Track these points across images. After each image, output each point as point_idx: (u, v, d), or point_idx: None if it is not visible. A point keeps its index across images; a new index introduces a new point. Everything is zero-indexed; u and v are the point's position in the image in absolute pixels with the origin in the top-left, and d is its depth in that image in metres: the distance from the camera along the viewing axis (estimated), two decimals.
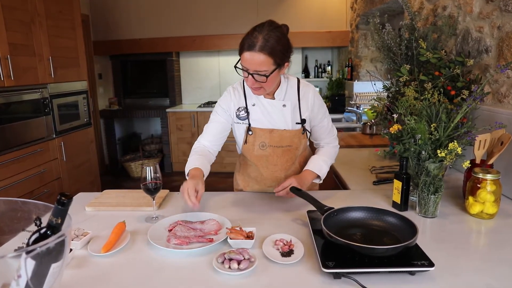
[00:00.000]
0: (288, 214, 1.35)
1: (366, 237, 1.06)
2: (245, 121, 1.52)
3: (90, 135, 3.85)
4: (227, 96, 1.55)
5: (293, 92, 1.52)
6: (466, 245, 1.12)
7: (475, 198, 1.27)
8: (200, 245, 1.11)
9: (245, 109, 1.51)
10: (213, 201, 1.53)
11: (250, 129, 1.51)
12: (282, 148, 1.53)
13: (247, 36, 1.31)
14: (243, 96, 1.52)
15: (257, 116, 1.51)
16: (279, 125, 1.51)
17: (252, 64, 1.30)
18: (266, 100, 1.50)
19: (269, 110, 1.50)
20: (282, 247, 1.06)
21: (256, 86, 1.36)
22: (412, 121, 1.34)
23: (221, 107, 1.55)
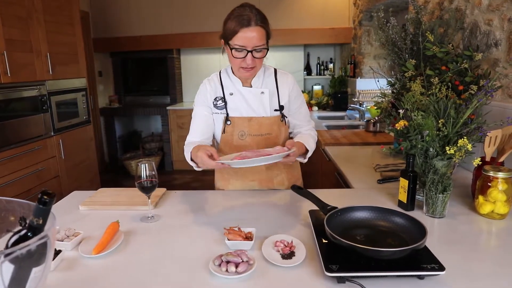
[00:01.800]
0: (289, 213, 1.29)
1: (372, 238, 1.00)
2: (223, 111, 1.51)
3: (90, 133, 3.80)
4: (202, 88, 1.54)
5: (271, 80, 1.54)
6: (477, 247, 1.06)
7: (486, 197, 1.21)
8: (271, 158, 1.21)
9: (222, 98, 1.51)
10: (208, 200, 1.47)
11: (228, 118, 1.49)
12: (262, 137, 1.51)
13: (235, 17, 1.32)
14: (220, 86, 1.52)
15: (235, 105, 1.50)
16: (257, 113, 1.50)
17: (252, 40, 1.31)
18: (244, 88, 1.50)
19: (247, 98, 1.50)
20: (282, 249, 1.00)
21: (252, 65, 1.37)
22: (419, 116, 1.28)
23: (199, 100, 1.55)
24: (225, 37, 1.37)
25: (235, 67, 1.42)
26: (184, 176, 4.84)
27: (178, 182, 4.64)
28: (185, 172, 4.98)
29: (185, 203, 1.43)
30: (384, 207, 1.10)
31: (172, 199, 1.48)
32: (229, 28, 1.33)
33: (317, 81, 5.24)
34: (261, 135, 1.51)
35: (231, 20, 1.33)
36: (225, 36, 1.37)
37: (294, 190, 1.26)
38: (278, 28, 4.74)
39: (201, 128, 1.54)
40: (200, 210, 1.35)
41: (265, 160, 1.23)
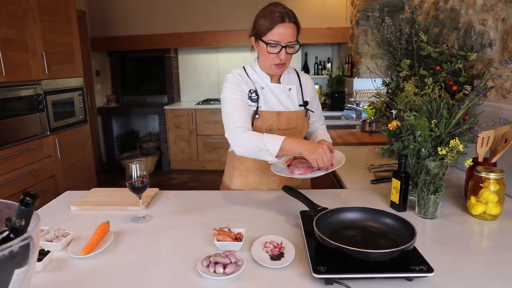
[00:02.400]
0: (281, 214, 1.29)
1: (362, 239, 1.00)
2: (255, 104, 1.50)
3: (86, 132, 3.80)
4: (235, 79, 1.48)
5: (295, 78, 1.61)
6: (468, 248, 1.05)
7: (478, 198, 1.21)
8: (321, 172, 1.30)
9: (255, 92, 1.50)
10: (201, 200, 1.46)
11: (258, 112, 1.49)
12: (289, 131, 1.53)
13: (269, 13, 1.37)
14: (250, 80, 1.52)
15: (266, 100, 1.51)
16: (286, 107, 1.53)
17: (287, 35, 1.37)
18: (273, 84, 1.53)
19: (277, 94, 1.53)
20: (272, 250, 1.00)
21: (285, 60, 1.41)
22: (412, 117, 1.28)
23: (235, 89, 1.46)
24: (258, 33, 1.40)
25: (267, 63, 1.44)
26: (181, 176, 4.84)
27: (176, 182, 4.63)
28: (182, 172, 4.97)
29: (177, 203, 1.42)
30: (375, 208, 1.09)
31: (165, 199, 1.47)
32: (264, 24, 1.37)
33: (315, 81, 5.23)
34: (288, 129, 1.52)
35: (265, 17, 1.38)
36: (259, 33, 1.40)
37: (285, 191, 1.25)
38: None
39: (246, 114, 1.45)
40: (192, 211, 1.35)
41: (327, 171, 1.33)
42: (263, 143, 1.31)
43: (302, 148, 1.29)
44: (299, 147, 1.30)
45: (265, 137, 1.33)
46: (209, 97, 5.33)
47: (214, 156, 4.95)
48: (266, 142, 1.31)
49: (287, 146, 1.30)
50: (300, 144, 1.31)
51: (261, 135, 1.34)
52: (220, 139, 4.87)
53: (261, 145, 1.31)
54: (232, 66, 5.24)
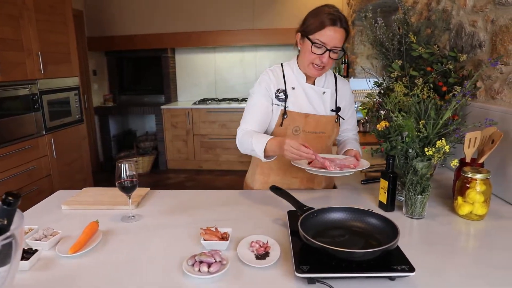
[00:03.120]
0: (269, 214, 1.30)
1: (346, 239, 1.00)
2: (283, 104, 1.49)
3: (82, 132, 3.80)
4: (265, 78, 1.51)
5: (332, 82, 1.58)
6: (453, 248, 1.06)
7: (464, 199, 1.22)
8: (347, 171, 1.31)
9: (284, 91, 1.49)
10: (191, 200, 1.47)
11: (286, 112, 1.48)
12: (315, 134, 1.52)
13: (322, 13, 1.35)
14: (283, 79, 1.51)
15: (296, 100, 1.50)
16: (317, 110, 1.52)
17: (334, 39, 1.35)
18: (308, 85, 1.51)
19: (309, 95, 1.51)
20: (257, 249, 1.00)
21: (326, 64, 1.40)
22: (400, 117, 1.28)
23: (261, 89, 1.49)
24: (306, 31, 1.39)
25: (306, 62, 1.43)
26: (178, 176, 4.85)
27: (172, 182, 4.64)
28: (179, 171, 4.98)
29: (168, 203, 1.43)
30: (360, 208, 1.10)
31: (155, 199, 1.48)
32: (314, 23, 1.36)
33: None
34: (315, 133, 1.51)
35: (317, 16, 1.36)
36: (307, 30, 1.38)
37: (272, 191, 1.26)
38: (273, 28, 4.74)
39: (260, 118, 1.48)
40: (182, 210, 1.36)
41: (346, 173, 1.32)
42: (251, 145, 1.34)
43: (276, 149, 1.30)
44: (276, 147, 1.30)
45: (254, 137, 1.35)
46: (206, 97, 5.33)
47: (210, 156, 4.96)
48: (253, 143, 1.34)
49: (269, 147, 1.32)
50: (278, 144, 1.29)
51: (251, 135, 1.36)
52: (216, 139, 4.88)
53: (250, 146, 1.35)
54: (229, 66, 5.26)
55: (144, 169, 4.91)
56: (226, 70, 5.31)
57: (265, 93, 1.49)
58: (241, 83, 5.30)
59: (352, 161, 1.37)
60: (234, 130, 5.31)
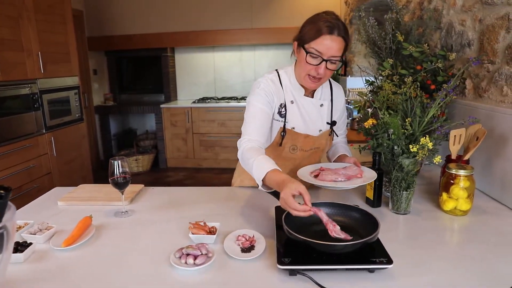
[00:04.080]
0: (258, 209, 1.33)
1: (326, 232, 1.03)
2: (283, 120, 1.42)
3: (82, 130, 3.84)
4: (267, 87, 1.38)
5: (327, 92, 1.50)
6: (435, 242, 1.09)
7: (449, 195, 1.25)
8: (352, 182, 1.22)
9: (285, 106, 1.41)
10: (184, 196, 1.51)
11: (285, 130, 1.41)
12: (311, 151, 1.50)
13: (319, 21, 1.25)
14: (282, 91, 1.41)
15: (294, 116, 1.42)
16: (314, 125, 1.46)
17: (331, 49, 1.24)
18: (305, 98, 1.43)
19: (307, 109, 1.43)
20: (243, 243, 1.04)
21: (322, 75, 1.29)
22: (387, 115, 1.31)
23: (263, 98, 1.36)
24: (302, 39, 1.29)
25: (302, 73, 1.33)
26: (177, 173, 4.88)
27: (172, 179, 4.68)
28: (178, 170, 5.02)
29: (161, 199, 1.46)
30: (345, 203, 1.13)
31: (149, 195, 1.52)
32: (310, 31, 1.26)
33: None
34: (310, 150, 1.49)
35: (314, 23, 1.26)
36: (303, 39, 1.28)
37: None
38: (271, 27, 4.77)
39: (265, 128, 1.36)
40: (174, 206, 1.39)
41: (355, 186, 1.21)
42: (252, 169, 1.21)
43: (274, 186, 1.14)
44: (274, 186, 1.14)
45: (255, 162, 1.20)
46: (205, 96, 5.37)
47: (209, 154, 5.00)
48: (254, 169, 1.20)
49: (269, 181, 1.16)
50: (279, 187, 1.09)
51: (253, 158, 1.21)
52: (215, 138, 4.91)
53: (251, 170, 1.22)
54: (228, 65, 5.30)
55: (144, 168, 4.95)
56: (225, 69, 5.34)
57: (267, 104, 1.37)
58: (240, 82, 5.34)
59: (356, 170, 1.28)
60: (233, 129, 5.31)
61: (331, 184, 1.20)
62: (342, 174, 1.27)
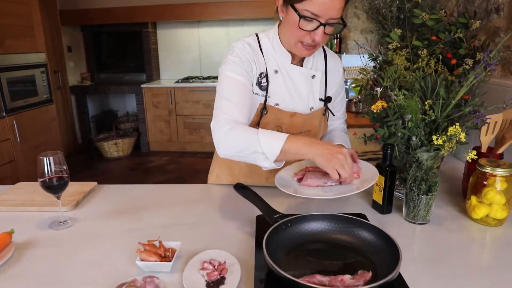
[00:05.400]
0: (235, 217, 1.04)
1: (328, 258, 0.75)
2: (263, 93, 1.12)
3: (52, 113, 3.49)
4: (245, 52, 1.09)
5: (321, 62, 1.21)
6: (467, 264, 0.82)
7: (480, 199, 0.97)
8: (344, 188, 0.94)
9: (267, 76, 1.12)
10: (146, 197, 1.21)
11: (266, 107, 1.12)
12: (300, 135, 1.19)
13: None
14: (263, 58, 1.12)
15: (278, 89, 1.13)
16: (304, 102, 1.16)
17: (331, 9, 0.96)
18: (293, 67, 1.13)
19: (295, 81, 1.14)
20: (209, 273, 0.75)
21: (318, 41, 1.01)
22: (401, 96, 1.02)
23: (243, 64, 1.07)
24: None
25: (293, 40, 1.04)
26: (160, 158, 4.58)
27: (153, 165, 4.38)
28: (161, 154, 4.71)
29: (115, 202, 1.16)
30: (348, 215, 0.85)
31: (102, 196, 1.21)
32: None
33: None
34: (300, 133, 1.19)
35: None
36: None
37: (236, 190, 0.99)
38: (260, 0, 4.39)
39: (245, 106, 1.06)
40: (130, 211, 1.09)
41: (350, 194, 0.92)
42: (258, 143, 0.93)
43: (313, 152, 0.92)
44: (309, 149, 0.92)
45: (261, 134, 0.94)
46: (190, 75, 5.00)
47: (194, 137, 4.68)
48: (262, 142, 0.93)
49: (291, 147, 0.93)
50: (312, 145, 0.93)
51: (254, 131, 0.96)
52: (200, 120, 4.59)
53: (255, 145, 0.94)
54: (214, 41, 4.92)
55: (124, 152, 4.63)
56: (210, 46, 4.96)
57: (245, 74, 1.07)
58: None
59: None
60: None
61: (315, 195, 0.92)
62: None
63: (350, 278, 0.64)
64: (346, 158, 0.91)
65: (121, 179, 3.96)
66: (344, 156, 0.91)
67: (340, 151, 0.91)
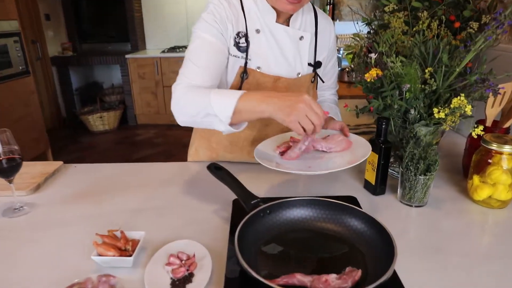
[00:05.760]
0: (211, 198, 0.93)
1: (312, 251, 0.65)
2: (242, 55, 1.00)
3: (29, 85, 3.29)
4: (220, 8, 0.97)
5: (310, 22, 1.08)
6: (470, 253, 0.73)
7: (483, 179, 0.87)
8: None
9: (245, 36, 0.99)
10: (114, 177, 1.09)
11: (247, 70, 1.00)
12: None
13: None
14: (243, 16, 0.99)
15: (261, 51, 1.01)
16: (290, 66, 1.05)
17: None
18: (278, 26, 1.00)
19: (280, 42, 1.02)
20: (175, 269, 0.65)
21: None
22: (399, 63, 0.89)
23: (217, 23, 0.95)
24: None
25: None
26: (148, 131, 4.44)
27: (140, 138, 4.24)
28: (149, 127, 4.57)
29: (82, 183, 1.05)
30: (337, 199, 0.74)
31: (67, 178, 1.10)
32: None
33: None
34: None
35: None
36: None
37: (210, 171, 0.88)
38: None
39: (213, 70, 0.95)
40: (96, 195, 0.98)
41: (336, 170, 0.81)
42: (209, 104, 0.83)
43: (271, 108, 0.78)
44: (266, 106, 0.79)
45: (213, 94, 0.84)
46: (176, 45, 4.77)
47: None
48: (214, 103, 0.82)
49: (246, 106, 0.81)
50: (268, 100, 0.79)
51: (207, 92, 0.85)
52: None
53: (208, 107, 0.83)
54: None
55: (110, 126, 4.47)
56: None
57: (218, 35, 0.96)
58: None
59: (342, 142, 0.92)
60: None
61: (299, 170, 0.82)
62: (321, 149, 0.90)
63: (336, 278, 0.54)
64: (310, 105, 0.76)
65: (106, 153, 3.83)
66: (306, 104, 0.76)
67: (301, 99, 0.76)
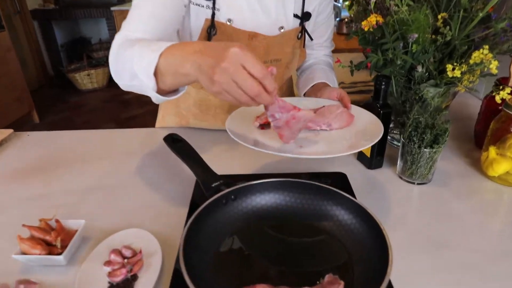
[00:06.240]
0: (173, 179, 0.78)
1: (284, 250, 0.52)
2: (209, 5, 0.80)
3: (5, 42, 3.06)
4: None
5: None
6: (483, 247, 0.60)
7: (501, 151, 0.72)
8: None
9: None
10: (69, 148, 0.94)
11: (214, 24, 0.81)
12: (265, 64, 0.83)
13: None
14: None
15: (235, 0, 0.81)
16: (271, 18, 0.85)
17: None
18: None
19: None
20: (114, 271, 0.52)
21: None
22: (405, 7, 0.71)
23: None
24: None
25: None
26: None
27: (130, 97, 4.05)
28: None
29: (31, 156, 0.90)
30: (323, 177, 0.60)
31: (15, 149, 0.95)
32: None
33: None
34: (265, 63, 0.80)
35: None
36: None
37: (167, 143, 0.72)
38: None
39: (164, 15, 0.77)
40: (43, 170, 0.84)
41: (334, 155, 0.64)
42: (132, 60, 0.64)
43: (193, 67, 0.55)
44: (191, 66, 0.55)
45: (137, 47, 0.64)
46: None
47: None
48: (136, 58, 0.63)
49: (169, 65, 0.59)
50: (195, 57, 0.54)
51: (134, 45, 0.66)
52: None
53: (131, 65, 0.64)
54: None
55: (99, 83, 4.27)
56: None
57: None
58: None
59: (342, 115, 0.73)
60: None
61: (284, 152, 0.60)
62: (315, 124, 0.71)
63: None
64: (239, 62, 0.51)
65: (94, 113, 3.67)
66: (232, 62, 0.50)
67: (226, 54, 0.50)
